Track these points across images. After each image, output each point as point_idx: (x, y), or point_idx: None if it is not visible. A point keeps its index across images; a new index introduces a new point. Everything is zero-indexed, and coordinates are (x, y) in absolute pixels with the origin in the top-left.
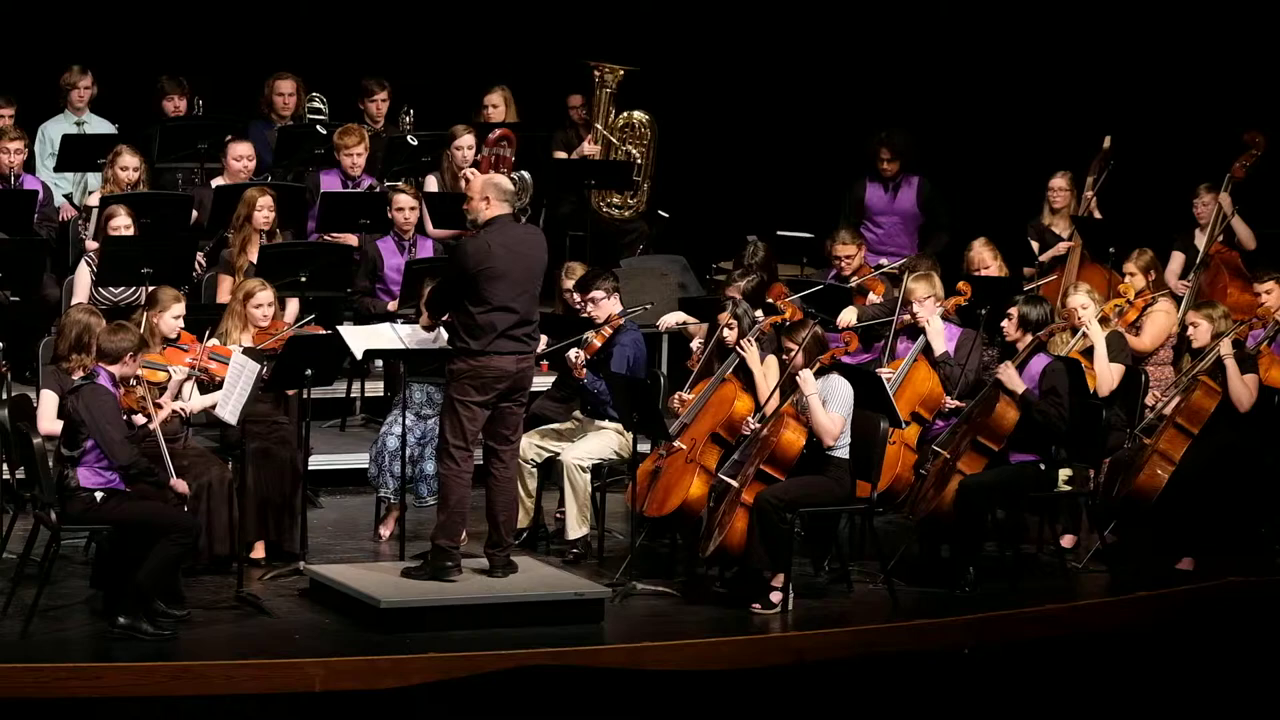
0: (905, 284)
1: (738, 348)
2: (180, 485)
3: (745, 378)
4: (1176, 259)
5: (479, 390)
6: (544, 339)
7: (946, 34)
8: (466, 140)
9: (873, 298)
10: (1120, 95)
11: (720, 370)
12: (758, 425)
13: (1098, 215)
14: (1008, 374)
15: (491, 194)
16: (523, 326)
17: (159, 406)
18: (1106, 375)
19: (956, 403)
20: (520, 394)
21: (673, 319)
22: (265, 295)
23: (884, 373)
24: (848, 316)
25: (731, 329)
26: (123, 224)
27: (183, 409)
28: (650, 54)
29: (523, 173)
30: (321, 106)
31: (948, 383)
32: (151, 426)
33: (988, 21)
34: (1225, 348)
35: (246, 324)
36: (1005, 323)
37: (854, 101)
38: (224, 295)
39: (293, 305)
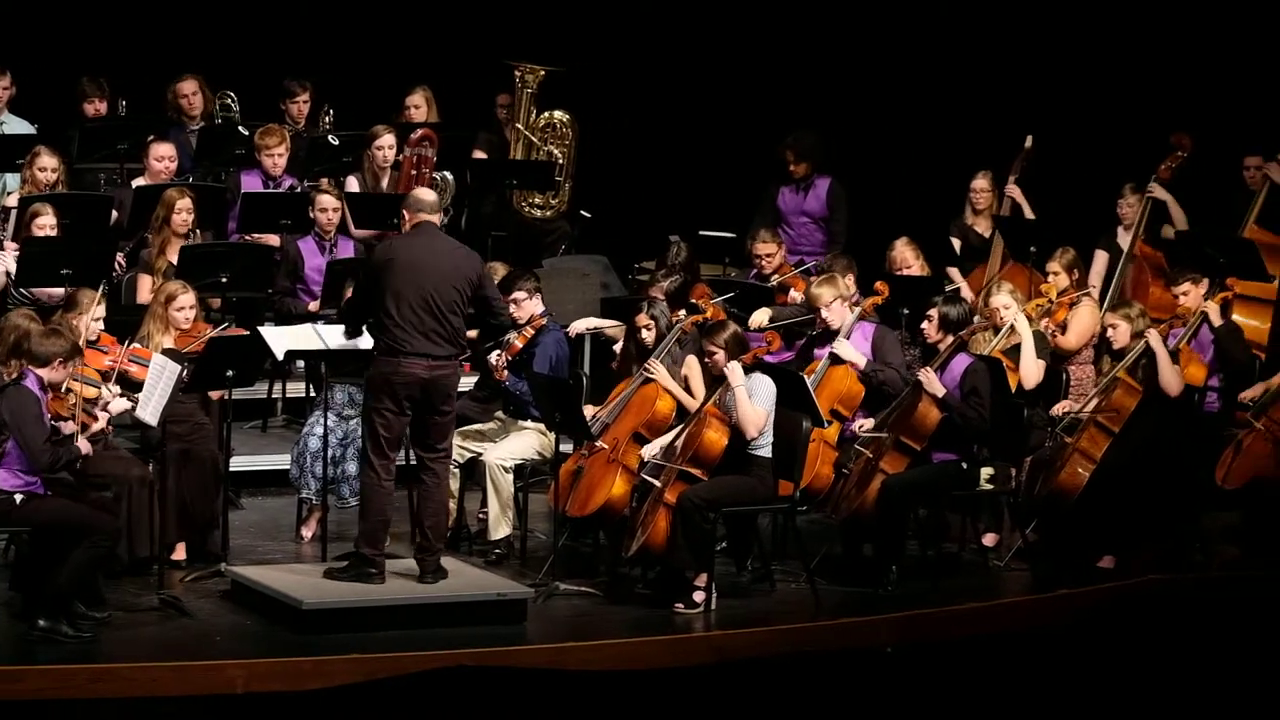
0: (809, 291)
1: (644, 368)
2: (84, 445)
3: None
4: (1100, 258)
5: (391, 398)
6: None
7: (869, 34)
8: (387, 140)
9: (794, 295)
10: (1043, 95)
11: (639, 374)
12: (679, 429)
13: (1030, 215)
14: (928, 378)
15: (408, 209)
16: (435, 334)
17: (93, 417)
18: (1033, 370)
19: (870, 425)
20: (442, 404)
21: (583, 324)
22: (187, 298)
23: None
24: (759, 317)
25: (649, 330)
26: (48, 223)
27: (105, 409)
28: (571, 54)
29: (445, 173)
30: (232, 104)
31: (888, 388)
32: (81, 439)
33: (911, 22)
34: (1154, 339)
35: (168, 326)
36: (926, 324)
37: (776, 102)
38: (144, 296)
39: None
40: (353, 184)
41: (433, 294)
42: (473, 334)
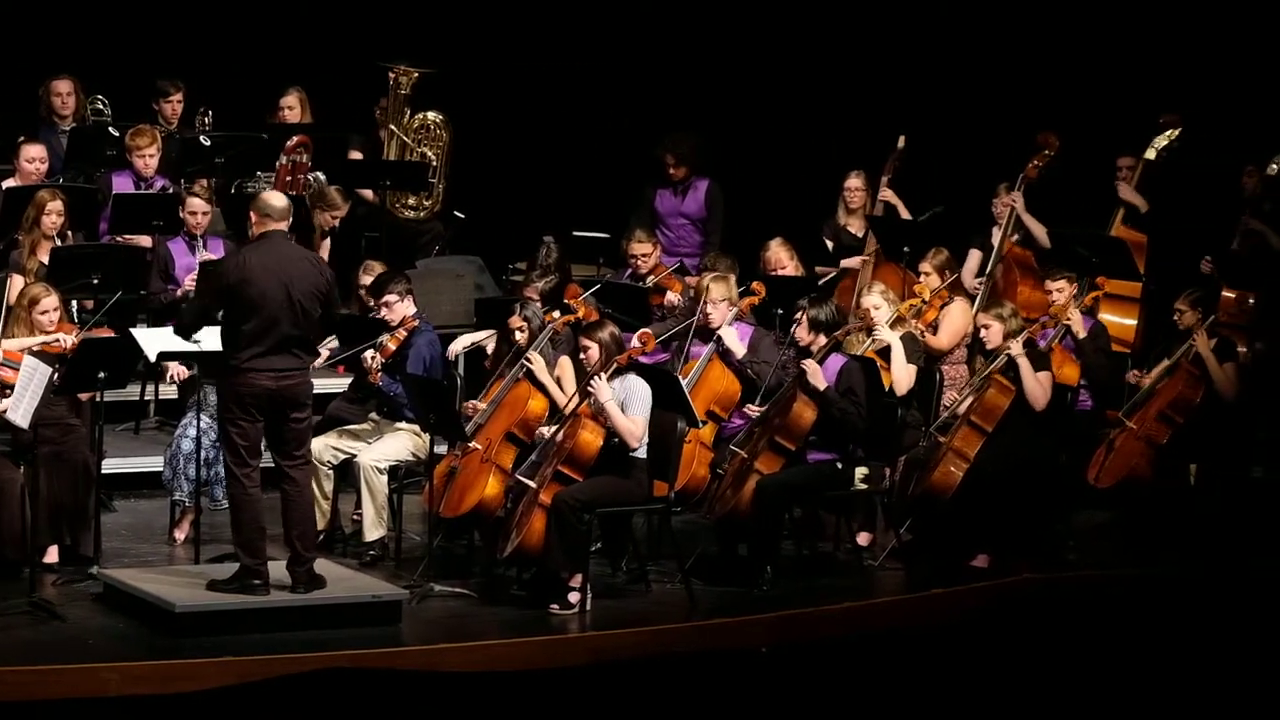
0: (701, 284)
1: (523, 360)
2: None
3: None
4: (974, 257)
5: (239, 407)
6: (334, 342)
7: (740, 35)
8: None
9: (671, 297)
10: (916, 95)
11: (513, 373)
12: (553, 430)
13: (905, 215)
14: (812, 368)
15: (255, 212)
16: (284, 346)
17: None
18: (904, 376)
19: (757, 409)
20: (294, 411)
21: (460, 345)
22: (50, 300)
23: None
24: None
25: (523, 331)
26: None
27: None
28: (443, 55)
29: (318, 174)
30: (103, 108)
31: (758, 380)
32: None
33: (782, 22)
34: (1016, 349)
35: (32, 329)
36: (796, 328)
37: (649, 102)
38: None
39: None
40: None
41: (287, 309)
42: (334, 343)
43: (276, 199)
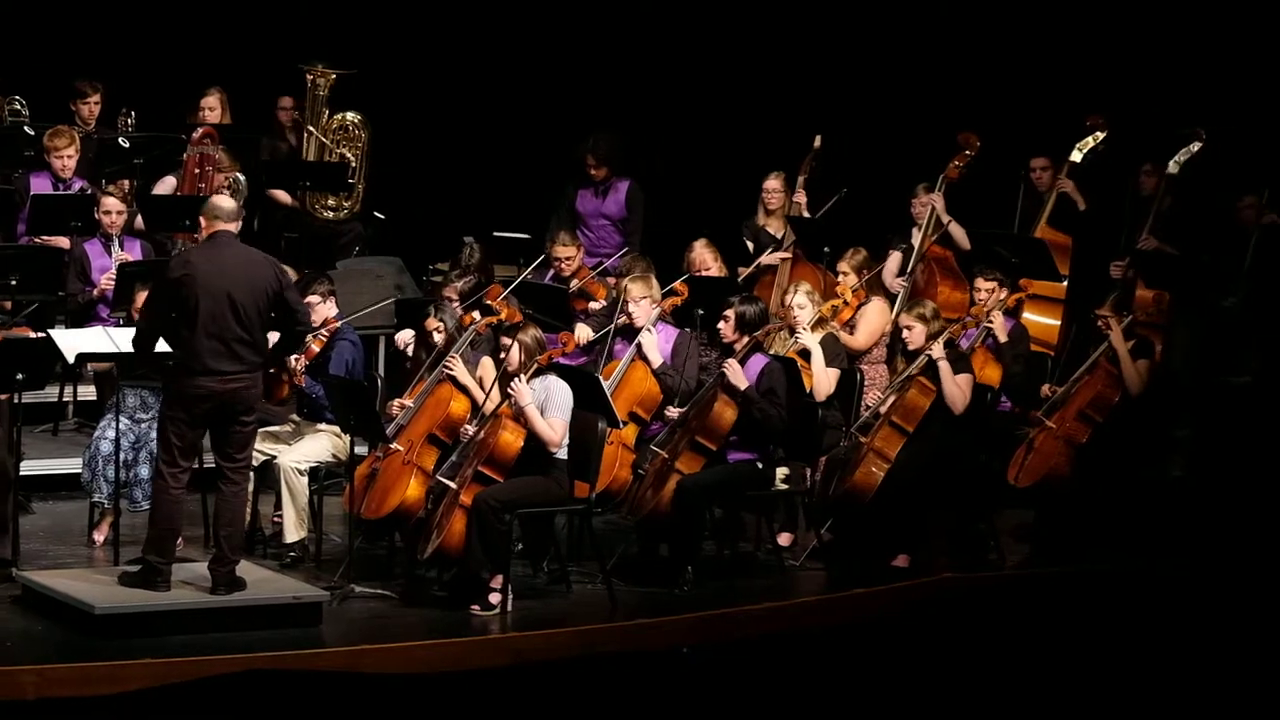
0: (622, 285)
1: (443, 365)
2: None
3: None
4: (894, 258)
5: (185, 410)
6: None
7: (658, 35)
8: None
9: (594, 305)
10: (835, 95)
11: (434, 375)
12: (475, 429)
13: (807, 215)
14: (733, 369)
15: (205, 216)
16: (232, 347)
17: None
18: (824, 381)
19: (678, 410)
20: (241, 414)
21: (408, 334)
22: None
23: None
24: (583, 334)
25: (440, 333)
26: None
27: None
28: (361, 55)
29: (236, 174)
30: (21, 109)
31: (670, 392)
32: None
33: (699, 21)
34: (937, 351)
35: None
36: (722, 324)
37: (569, 102)
38: None
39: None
40: (168, 184)
41: (230, 309)
42: (271, 336)
43: (225, 200)
